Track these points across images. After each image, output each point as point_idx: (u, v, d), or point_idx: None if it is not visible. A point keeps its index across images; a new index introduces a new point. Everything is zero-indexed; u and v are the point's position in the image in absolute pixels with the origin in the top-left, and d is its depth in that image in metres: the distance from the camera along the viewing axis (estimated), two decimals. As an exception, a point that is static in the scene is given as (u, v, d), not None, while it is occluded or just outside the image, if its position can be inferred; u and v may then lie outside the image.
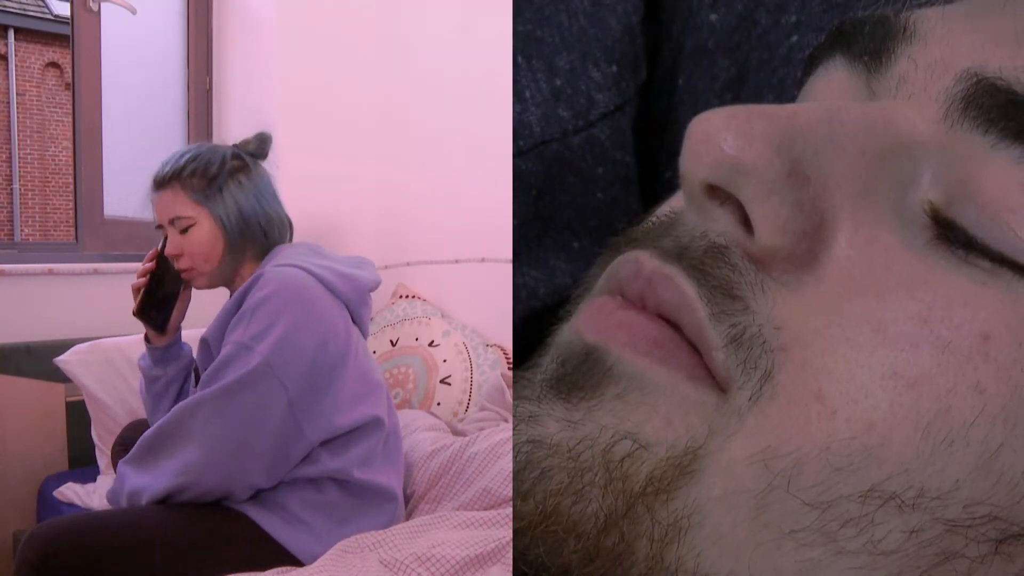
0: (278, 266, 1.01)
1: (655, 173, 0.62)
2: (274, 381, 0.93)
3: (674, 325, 0.37)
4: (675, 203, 0.42)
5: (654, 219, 0.41)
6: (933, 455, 0.32)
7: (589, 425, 0.36)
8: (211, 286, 1.10)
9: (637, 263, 0.39)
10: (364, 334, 1.11)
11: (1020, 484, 0.32)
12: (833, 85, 0.43)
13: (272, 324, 0.94)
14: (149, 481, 0.96)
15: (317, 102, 1.92)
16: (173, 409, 0.97)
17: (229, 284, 1.10)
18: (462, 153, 1.80)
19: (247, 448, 0.94)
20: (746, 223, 0.37)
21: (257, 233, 1.07)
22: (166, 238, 1.08)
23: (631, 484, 0.34)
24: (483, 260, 1.75)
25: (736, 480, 0.33)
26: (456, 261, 1.82)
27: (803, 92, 0.45)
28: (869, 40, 0.41)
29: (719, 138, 0.36)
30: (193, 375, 1.09)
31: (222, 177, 1.05)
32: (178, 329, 1.16)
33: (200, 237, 1.04)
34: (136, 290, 1.11)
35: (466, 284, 1.80)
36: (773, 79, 0.56)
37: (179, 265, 1.07)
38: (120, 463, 1.01)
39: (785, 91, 0.56)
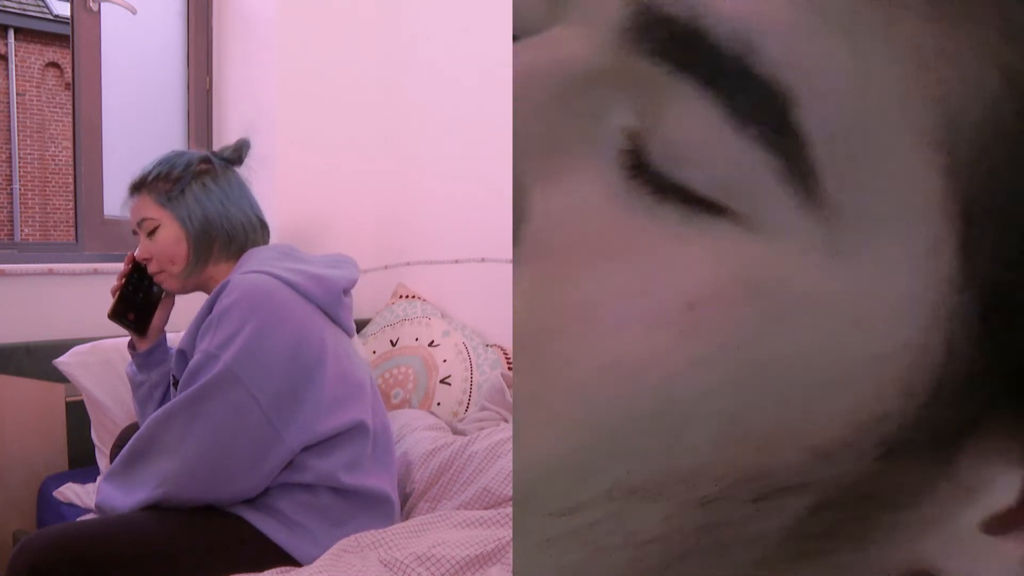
0: (245, 272, 1.00)
1: None
2: (242, 390, 0.93)
3: None
4: None
5: None
6: (671, 440, 0.31)
7: None
8: (183, 289, 1.10)
9: None
10: (348, 333, 1.10)
11: (764, 441, 0.31)
12: None
13: (237, 332, 0.94)
14: (128, 499, 0.96)
15: (317, 102, 1.92)
16: (146, 422, 0.97)
17: (203, 287, 1.10)
18: (462, 153, 1.80)
19: (223, 456, 0.94)
20: None
21: (221, 234, 1.07)
22: None
23: None
24: (483, 260, 1.75)
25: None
26: (456, 261, 1.82)
27: None
28: None
29: None
30: (172, 383, 1.09)
31: (185, 179, 1.07)
32: (160, 333, 1.16)
33: (164, 238, 1.06)
34: (113, 293, 1.12)
35: (466, 284, 1.80)
36: None
37: (149, 269, 1.08)
38: (100, 479, 1.01)
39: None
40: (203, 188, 1.07)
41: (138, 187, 1.08)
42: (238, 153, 1.14)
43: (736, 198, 0.31)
